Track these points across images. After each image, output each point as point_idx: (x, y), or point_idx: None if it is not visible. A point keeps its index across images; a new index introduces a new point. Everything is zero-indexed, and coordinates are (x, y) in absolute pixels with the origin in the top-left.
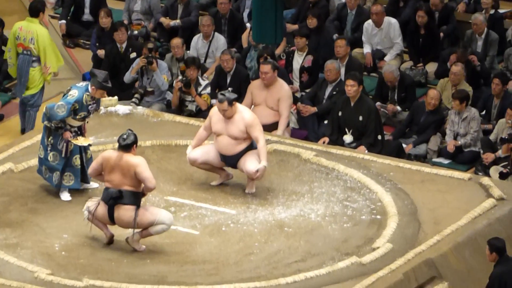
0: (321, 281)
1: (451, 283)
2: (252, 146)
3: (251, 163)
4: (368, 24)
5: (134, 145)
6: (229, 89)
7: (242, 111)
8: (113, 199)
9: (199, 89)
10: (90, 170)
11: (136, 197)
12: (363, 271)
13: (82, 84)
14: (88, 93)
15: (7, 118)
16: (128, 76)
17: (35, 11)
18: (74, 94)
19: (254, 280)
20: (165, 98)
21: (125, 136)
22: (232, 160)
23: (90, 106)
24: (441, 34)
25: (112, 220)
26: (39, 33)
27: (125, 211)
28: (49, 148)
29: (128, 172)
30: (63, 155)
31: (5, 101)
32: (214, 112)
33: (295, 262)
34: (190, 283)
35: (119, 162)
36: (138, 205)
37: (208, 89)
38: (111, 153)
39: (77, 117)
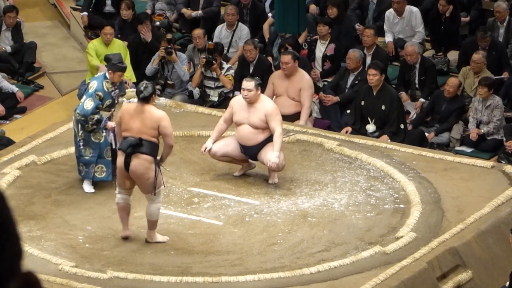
0: (345, 271)
1: (475, 271)
2: (272, 138)
3: (271, 155)
4: (390, 13)
5: (154, 95)
6: (256, 78)
7: (264, 100)
8: (132, 147)
9: (222, 71)
10: (116, 128)
11: (154, 148)
12: (387, 260)
13: (100, 74)
14: (107, 80)
15: (30, 111)
16: (150, 68)
17: None
18: (93, 85)
19: (278, 270)
20: (187, 89)
21: (142, 88)
22: (252, 151)
23: (113, 92)
24: (467, 18)
25: (127, 169)
26: None
27: (142, 161)
28: (81, 144)
29: (150, 122)
30: (113, 146)
31: (28, 94)
32: (235, 102)
33: (318, 252)
34: (214, 274)
35: (140, 111)
36: (155, 157)
37: (231, 71)
38: (130, 104)
39: (104, 106)
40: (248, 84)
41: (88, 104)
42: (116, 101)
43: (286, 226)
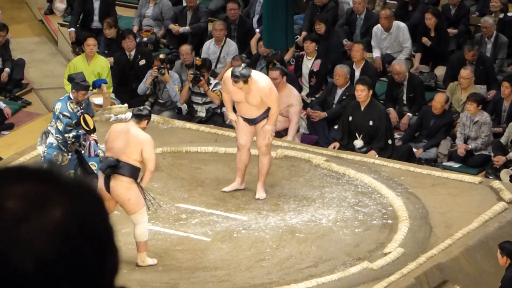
0: (332, 287)
1: (462, 287)
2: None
3: (266, 126)
4: (377, 28)
5: (146, 120)
6: (243, 64)
7: (258, 80)
8: (111, 168)
9: (210, 87)
10: (105, 149)
11: (134, 171)
12: (375, 276)
13: (64, 96)
14: (71, 101)
15: (18, 127)
16: (142, 87)
17: None
18: (58, 107)
19: (266, 286)
20: (176, 106)
21: (141, 108)
22: (253, 121)
23: (78, 112)
24: (455, 30)
25: (108, 190)
26: None
27: (121, 182)
28: (41, 160)
29: (133, 144)
30: (92, 155)
31: (15, 110)
32: (230, 84)
33: (306, 268)
34: None
35: (126, 131)
36: (135, 178)
37: (219, 87)
38: (118, 124)
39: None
40: (237, 85)
41: (59, 125)
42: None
43: (274, 242)
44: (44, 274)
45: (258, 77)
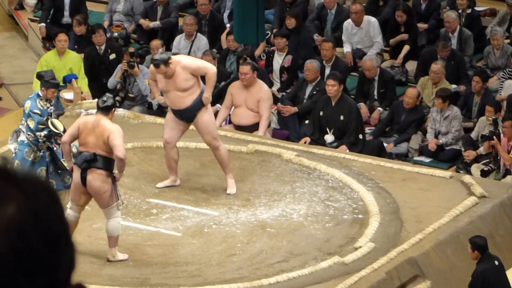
0: (303, 281)
1: (433, 282)
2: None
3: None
4: (348, 23)
5: (113, 109)
6: (160, 50)
7: (180, 60)
8: (87, 162)
9: None
10: (65, 136)
11: (109, 163)
12: (345, 271)
13: (33, 94)
14: (40, 98)
15: None
16: (112, 81)
17: None
18: (27, 105)
19: (237, 281)
20: (146, 101)
21: (104, 99)
22: (187, 114)
23: (48, 109)
24: (426, 25)
25: (84, 184)
26: None
27: (98, 176)
28: (13, 157)
29: (101, 137)
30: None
31: None
32: (153, 71)
33: (277, 263)
34: (173, 285)
35: (96, 125)
36: (111, 171)
37: None
38: (88, 117)
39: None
40: (160, 70)
41: (30, 123)
42: (52, 118)
43: (245, 237)
44: None
45: (179, 57)
